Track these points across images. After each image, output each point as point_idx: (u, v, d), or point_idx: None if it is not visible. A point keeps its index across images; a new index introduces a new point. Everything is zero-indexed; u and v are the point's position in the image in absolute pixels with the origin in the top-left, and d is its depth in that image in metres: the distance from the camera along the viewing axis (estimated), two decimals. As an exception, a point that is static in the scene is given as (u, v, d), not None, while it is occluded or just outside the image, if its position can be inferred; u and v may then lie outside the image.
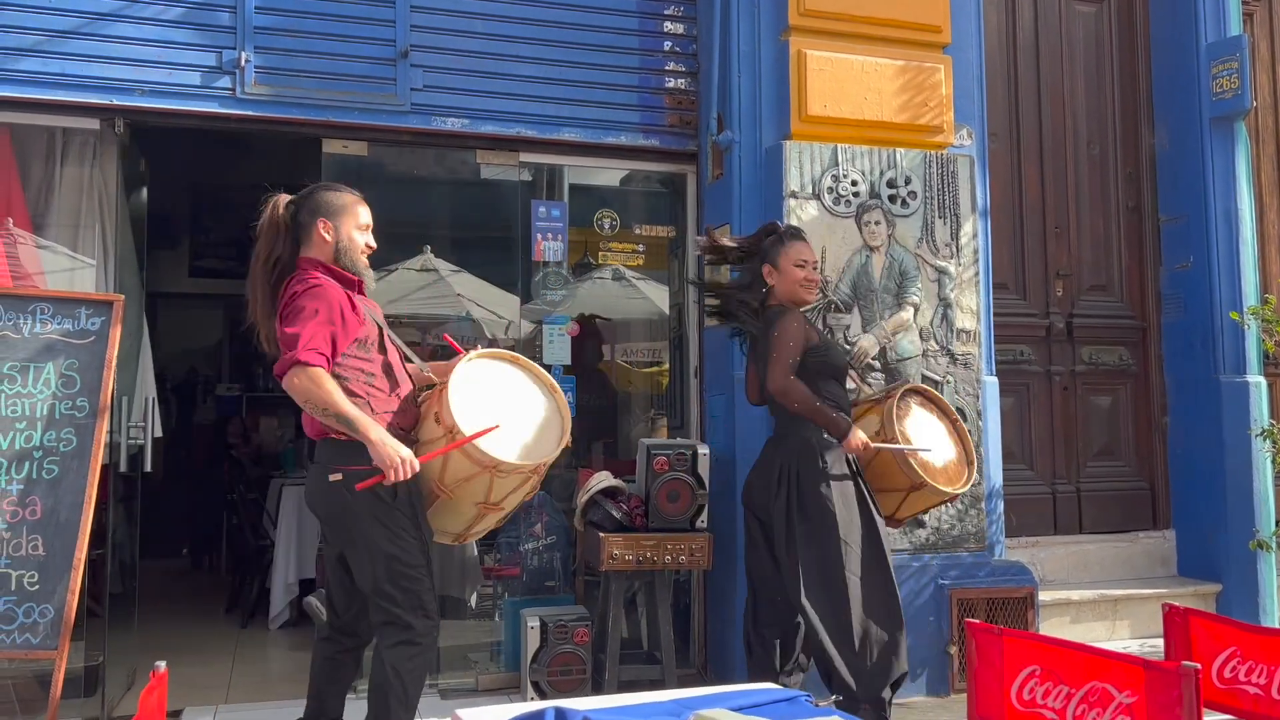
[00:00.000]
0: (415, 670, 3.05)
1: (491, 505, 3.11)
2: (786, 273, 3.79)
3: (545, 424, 3.15)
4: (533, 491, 3.22)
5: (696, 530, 4.11)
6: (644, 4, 4.92)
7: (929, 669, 4.47)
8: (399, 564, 3.01)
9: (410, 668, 3.04)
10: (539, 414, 3.16)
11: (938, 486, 3.68)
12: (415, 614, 3.03)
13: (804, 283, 3.79)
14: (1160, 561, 5.49)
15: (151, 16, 4.23)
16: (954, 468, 3.81)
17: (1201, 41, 5.45)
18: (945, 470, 3.76)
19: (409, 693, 3.03)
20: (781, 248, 3.82)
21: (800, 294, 3.80)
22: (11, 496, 3.64)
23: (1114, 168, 5.72)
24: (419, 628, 3.03)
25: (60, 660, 3.54)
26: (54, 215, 4.29)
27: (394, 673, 3.02)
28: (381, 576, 3.02)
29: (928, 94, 4.72)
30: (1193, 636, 3.08)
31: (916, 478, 3.66)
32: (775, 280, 3.81)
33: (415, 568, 3.02)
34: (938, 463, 3.76)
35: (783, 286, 3.80)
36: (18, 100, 4.10)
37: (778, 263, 3.80)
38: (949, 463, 3.80)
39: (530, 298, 4.97)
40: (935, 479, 3.69)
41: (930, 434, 3.83)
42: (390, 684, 3.02)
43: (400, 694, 3.02)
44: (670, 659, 4.10)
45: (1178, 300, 5.55)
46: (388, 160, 4.84)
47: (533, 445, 3.07)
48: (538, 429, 3.12)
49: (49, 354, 3.79)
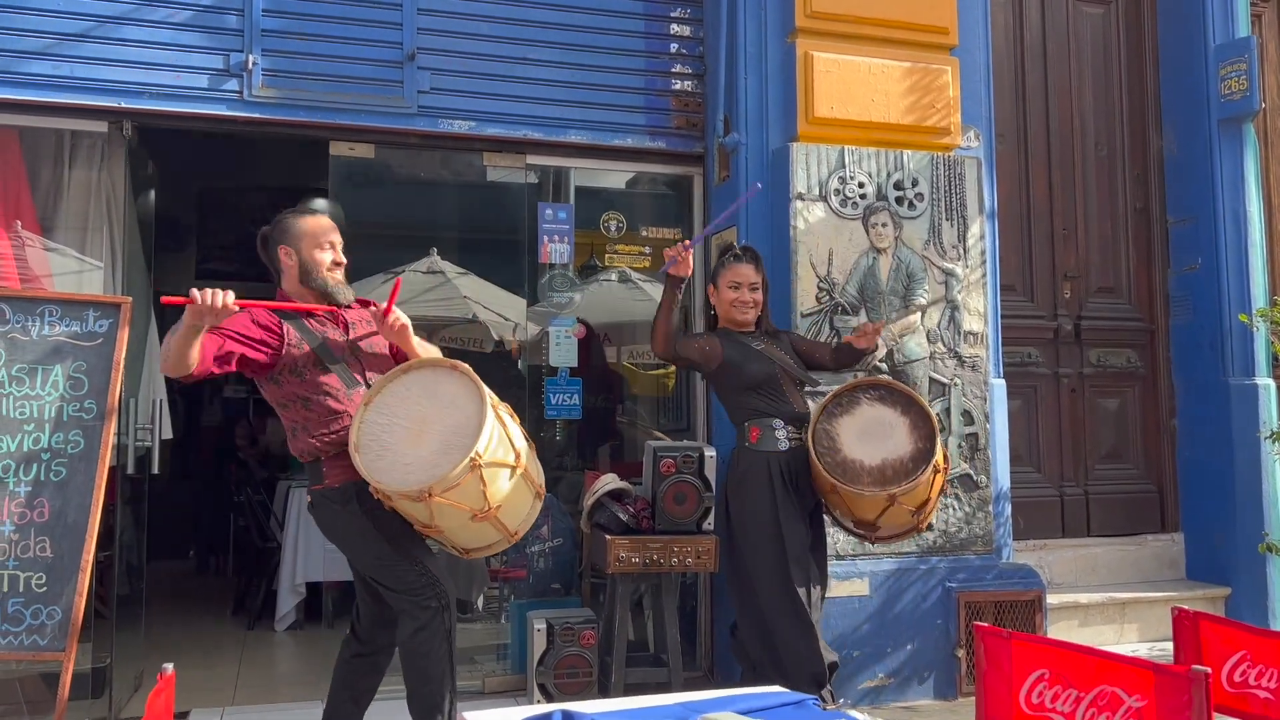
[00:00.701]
0: (420, 645, 3.07)
1: (483, 515, 3.00)
2: (722, 294, 3.93)
3: (451, 439, 2.95)
4: (490, 508, 3.01)
5: (703, 532, 4.10)
6: (650, 6, 4.92)
7: (936, 672, 4.46)
8: (372, 558, 3.13)
9: (413, 645, 3.08)
10: (446, 428, 2.97)
11: (850, 489, 3.58)
12: (407, 596, 3.08)
13: (735, 304, 3.90)
14: (1169, 565, 5.48)
15: (159, 20, 4.24)
16: (893, 466, 3.64)
17: (1209, 43, 5.44)
18: (881, 469, 3.62)
19: (425, 668, 3.07)
20: (722, 270, 3.96)
21: (733, 314, 3.92)
22: (20, 498, 3.65)
23: (1122, 169, 5.71)
24: (410, 608, 3.09)
25: (68, 662, 3.55)
26: (62, 218, 4.30)
27: (405, 652, 3.12)
28: (368, 572, 3.18)
29: (935, 96, 4.71)
30: (1202, 640, 3.06)
31: (823, 481, 3.65)
32: (715, 301, 3.98)
33: (384, 557, 3.10)
34: (870, 461, 3.64)
35: (720, 308, 3.96)
36: (26, 103, 4.11)
37: (717, 284, 3.97)
38: (887, 462, 3.64)
39: (537, 300, 4.97)
40: (856, 481, 3.59)
41: (875, 433, 3.70)
42: (406, 664, 3.12)
43: (420, 672, 3.08)
44: (677, 662, 4.09)
45: (1186, 302, 5.53)
46: (394, 162, 4.85)
47: (426, 465, 2.92)
48: (439, 446, 2.94)
49: (57, 356, 3.79)
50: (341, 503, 3.10)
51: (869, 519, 3.75)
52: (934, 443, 3.64)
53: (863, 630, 4.39)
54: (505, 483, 3.03)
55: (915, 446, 3.66)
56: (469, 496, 2.93)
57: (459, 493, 2.90)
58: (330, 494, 3.13)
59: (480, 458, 2.89)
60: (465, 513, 2.96)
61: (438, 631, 3.07)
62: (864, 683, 4.37)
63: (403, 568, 3.09)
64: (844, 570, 4.37)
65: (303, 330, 3.14)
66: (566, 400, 4.85)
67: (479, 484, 2.92)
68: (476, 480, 2.91)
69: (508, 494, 3.05)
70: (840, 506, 3.76)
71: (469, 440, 2.90)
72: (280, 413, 3.20)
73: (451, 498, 2.90)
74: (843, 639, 4.31)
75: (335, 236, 3.29)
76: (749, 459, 3.81)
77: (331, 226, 3.31)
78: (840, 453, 3.65)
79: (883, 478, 3.63)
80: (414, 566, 3.08)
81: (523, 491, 3.15)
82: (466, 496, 2.92)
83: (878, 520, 3.74)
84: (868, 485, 3.61)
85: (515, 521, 3.16)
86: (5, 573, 3.59)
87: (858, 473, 3.62)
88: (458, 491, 2.90)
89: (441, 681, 3.08)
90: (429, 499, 2.87)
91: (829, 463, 3.63)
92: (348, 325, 3.25)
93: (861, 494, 3.60)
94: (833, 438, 3.68)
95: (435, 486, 2.85)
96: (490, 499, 2.97)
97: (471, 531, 3.10)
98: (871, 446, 3.67)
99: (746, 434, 3.84)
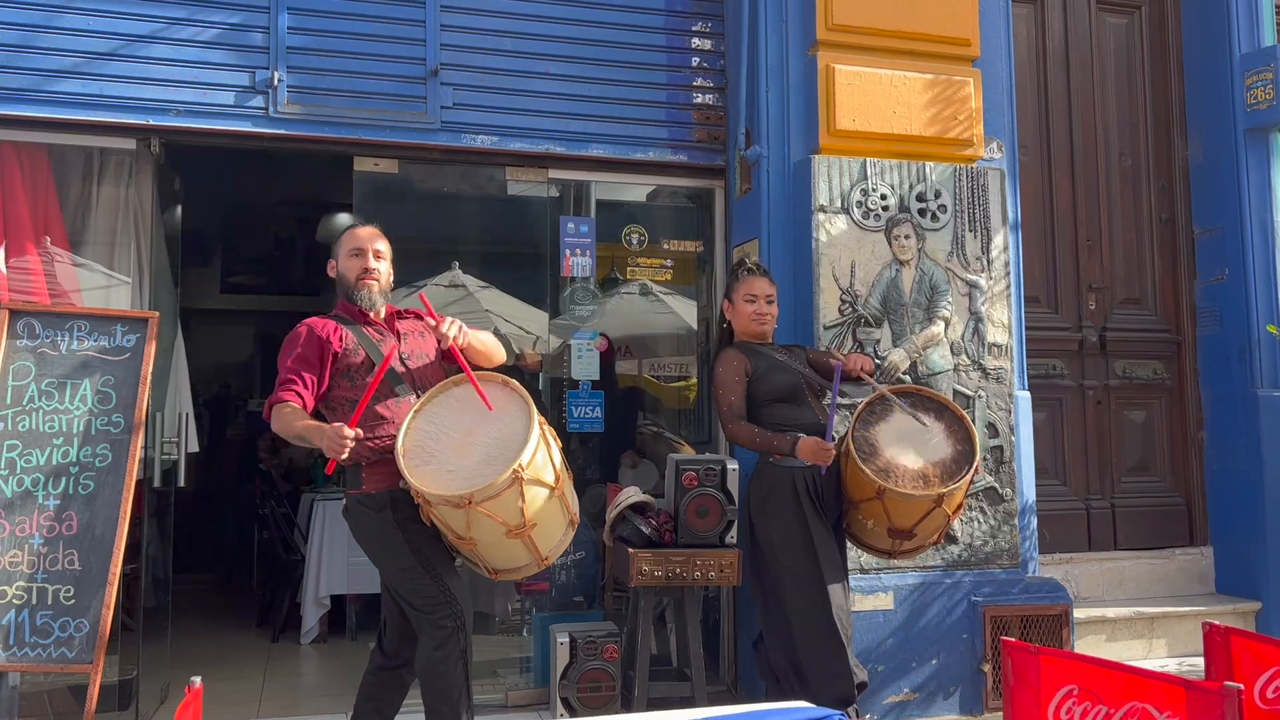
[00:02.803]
0: (436, 665, 3.09)
1: (515, 530, 3.03)
2: (739, 307, 3.92)
3: (496, 451, 3.00)
4: (528, 524, 3.03)
5: (726, 546, 4.09)
6: (672, 20, 4.94)
7: (962, 687, 4.42)
8: (397, 568, 3.16)
9: (429, 665, 3.10)
10: (492, 440, 3.02)
11: (899, 490, 3.54)
12: (425, 613, 3.10)
13: (754, 316, 3.89)
14: (1198, 579, 5.41)
15: (186, 38, 4.30)
16: (936, 469, 3.63)
17: (1235, 52, 5.40)
18: (923, 472, 3.61)
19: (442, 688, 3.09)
20: (736, 284, 3.95)
21: (752, 327, 3.90)
22: (49, 511, 3.69)
23: (1146, 179, 5.67)
24: (427, 626, 3.10)
25: (95, 674, 3.57)
26: (91, 234, 4.36)
27: (422, 672, 3.15)
28: (392, 582, 3.21)
29: (957, 107, 4.70)
30: (1234, 656, 3.02)
31: (868, 487, 3.60)
32: (732, 315, 3.96)
33: (409, 569, 3.13)
34: (912, 465, 3.63)
35: (737, 322, 3.94)
36: (56, 121, 4.17)
37: (733, 298, 3.95)
38: (929, 464, 3.63)
39: (559, 313, 4.98)
40: (901, 483, 3.56)
41: (912, 437, 3.70)
42: (423, 683, 3.15)
43: (438, 691, 3.10)
44: (700, 676, 4.07)
45: (1213, 313, 5.48)
46: (417, 177, 4.88)
47: (469, 473, 2.96)
48: (483, 457, 2.99)
49: (85, 370, 3.84)
50: (376, 509, 3.14)
51: (906, 526, 3.72)
52: (973, 443, 3.66)
53: (887, 645, 4.36)
54: (542, 502, 3.05)
55: (955, 448, 3.67)
56: (507, 510, 2.95)
57: (498, 504, 2.93)
58: (366, 500, 3.17)
59: (523, 470, 2.92)
60: (501, 527, 2.98)
61: (453, 652, 3.08)
62: (889, 698, 4.33)
63: (424, 581, 3.11)
64: (868, 584, 4.35)
65: (360, 337, 3.23)
66: (589, 413, 4.86)
67: (518, 498, 2.94)
68: (516, 494, 2.94)
69: (544, 514, 3.08)
70: (877, 514, 3.70)
71: (513, 452, 2.95)
72: (327, 415, 3.26)
73: (490, 508, 2.93)
74: (867, 653, 4.28)
75: (372, 245, 3.34)
76: (773, 476, 3.77)
77: (370, 235, 3.37)
78: (882, 457, 3.63)
79: (926, 480, 3.62)
80: (435, 582, 3.11)
81: (557, 515, 3.17)
82: (504, 509, 2.95)
83: (914, 527, 3.71)
84: (916, 487, 3.59)
85: (547, 545, 3.18)
86: (34, 585, 3.63)
87: (901, 477, 3.61)
88: (497, 503, 2.93)
89: (458, 702, 3.10)
90: (469, 506, 2.90)
91: (875, 468, 3.60)
92: (400, 335, 3.31)
93: (911, 496, 3.57)
94: (872, 444, 3.66)
95: (477, 494, 2.89)
96: (527, 516, 2.99)
97: (504, 549, 3.11)
98: (912, 451, 3.67)
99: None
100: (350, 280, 3.30)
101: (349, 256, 3.32)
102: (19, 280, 4.12)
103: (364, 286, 3.28)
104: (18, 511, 3.66)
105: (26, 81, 4.11)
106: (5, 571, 3.61)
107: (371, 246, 3.33)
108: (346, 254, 3.33)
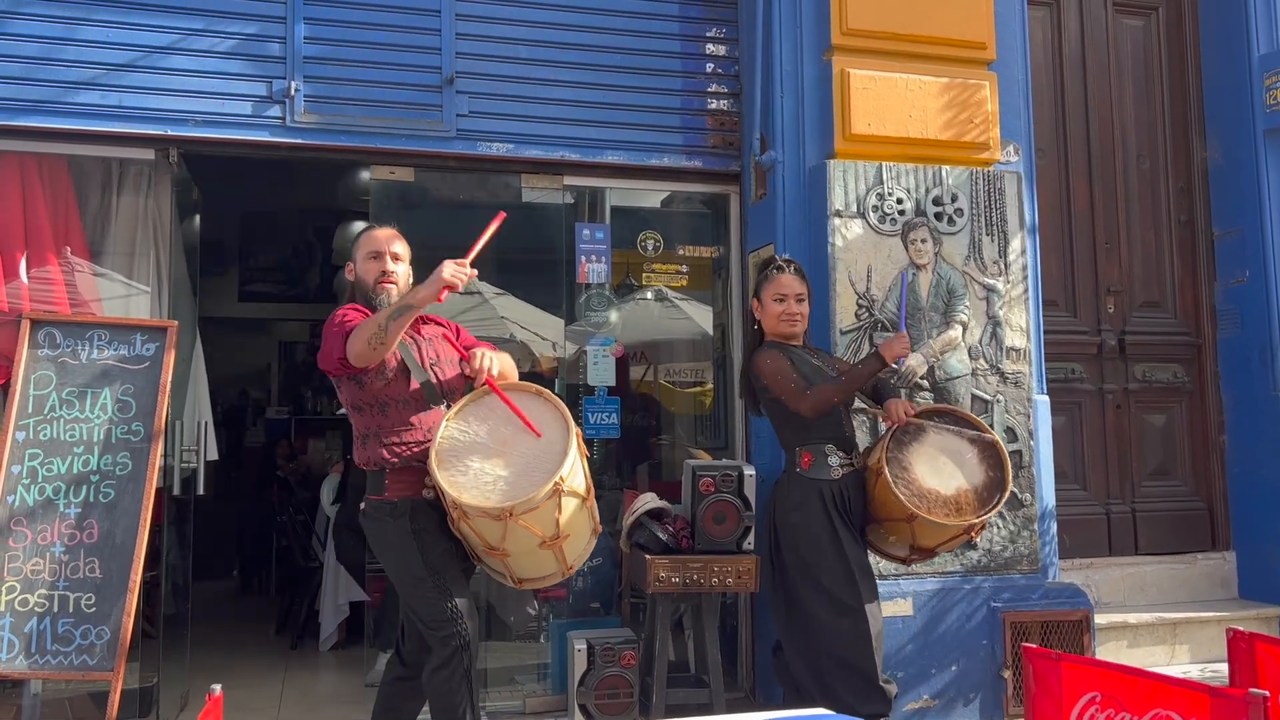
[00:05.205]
0: (441, 683, 3.07)
1: (550, 540, 3.02)
2: (768, 307, 3.83)
3: (533, 462, 2.98)
4: (560, 535, 3.02)
5: (743, 552, 4.07)
6: (686, 26, 4.94)
7: (982, 693, 4.39)
8: (409, 578, 3.12)
9: (434, 682, 3.08)
10: (529, 450, 2.99)
11: (931, 519, 3.49)
12: (431, 629, 3.07)
13: (783, 316, 3.79)
14: (1220, 584, 5.36)
15: (204, 49, 4.33)
16: (968, 496, 3.60)
17: (1254, 53, 5.36)
18: (956, 499, 3.57)
19: (448, 705, 3.07)
20: (765, 283, 3.86)
21: (781, 328, 3.81)
22: (70, 520, 3.72)
23: (1165, 181, 5.63)
24: (433, 642, 3.08)
25: (116, 681, 3.59)
26: (110, 243, 4.39)
27: (428, 689, 3.12)
28: (403, 592, 3.18)
29: (973, 111, 4.68)
30: (1259, 662, 2.99)
31: (899, 510, 3.53)
32: (761, 315, 3.87)
33: (420, 582, 3.09)
34: (945, 490, 3.58)
35: (766, 322, 3.85)
36: (76, 132, 4.21)
37: (761, 297, 3.86)
38: (962, 491, 3.59)
39: (574, 319, 4.99)
40: (933, 510, 3.52)
41: (945, 462, 3.66)
42: (431, 699, 3.12)
43: (445, 709, 3.07)
44: (718, 682, 4.06)
45: (1234, 315, 5.44)
46: (433, 185, 4.90)
47: (508, 485, 2.94)
48: (521, 468, 2.96)
49: (105, 379, 3.87)
50: (394, 517, 3.11)
51: (930, 546, 3.70)
52: (1005, 470, 3.61)
53: (906, 651, 4.33)
54: (574, 512, 3.03)
55: (987, 475, 3.63)
56: (544, 522, 2.93)
57: (536, 516, 2.90)
58: (385, 506, 3.14)
59: (563, 483, 2.89)
60: (537, 538, 2.96)
61: (457, 670, 3.05)
62: (908, 704, 4.31)
63: (433, 596, 3.07)
64: (887, 590, 4.31)
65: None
66: (605, 419, 4.86)
67: (555, 510, 2.92)
68: (554, 506, 2.91)
69: (574, 524, 3.06)
70: (902, 533, 3.66)
71: (553, 464, 2.91)
72: (354, 417, 3.21)
73: (528, 520, 2.89)
74: (886, 659, 4.24)
75: (390, 247, 3.30)
76: (801, 488, 3.68)
77: (388, 236, 3.33)
78: (916, 482, 3.57)
79: (958, 507, 3.57)
80: (443, 598, 3.06)
81: (585, 525, 3.16)
82: (542, 521, 2.92)
83: (938, 547, 3.70)
84: (947, 515, 3.54)
85: (574, 554, 3.17)
86: (56, 593, 3.66)
87: (933, 503, 3.55)
88: (536, 515, 2.90)
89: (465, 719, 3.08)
90: (509, 518, 2.87)
91: (908, 493, 3.53)
92: (423, 339, 3.28)
93: (944, 525, 3.53)
94: (905, 467, 3.60)
95: (518, 507, 2.85)
96: (561, 527, 2.97)
97: (534, 559, 3.09)
98: (945, 475, 3.62)
99: (797, 459, 3.72)
100: (369, 283, 3.26)
101: (367, 259, 3.28)
102: (40, 290, 4.15)
103: (383, 290, 3.24)
104: (39, 520, 3.69)
105: (47, 93, 4.15)
106: (27, 579, 3.64)
107: (389, 249, 3.29)
108: (364, 256, 3.29)
